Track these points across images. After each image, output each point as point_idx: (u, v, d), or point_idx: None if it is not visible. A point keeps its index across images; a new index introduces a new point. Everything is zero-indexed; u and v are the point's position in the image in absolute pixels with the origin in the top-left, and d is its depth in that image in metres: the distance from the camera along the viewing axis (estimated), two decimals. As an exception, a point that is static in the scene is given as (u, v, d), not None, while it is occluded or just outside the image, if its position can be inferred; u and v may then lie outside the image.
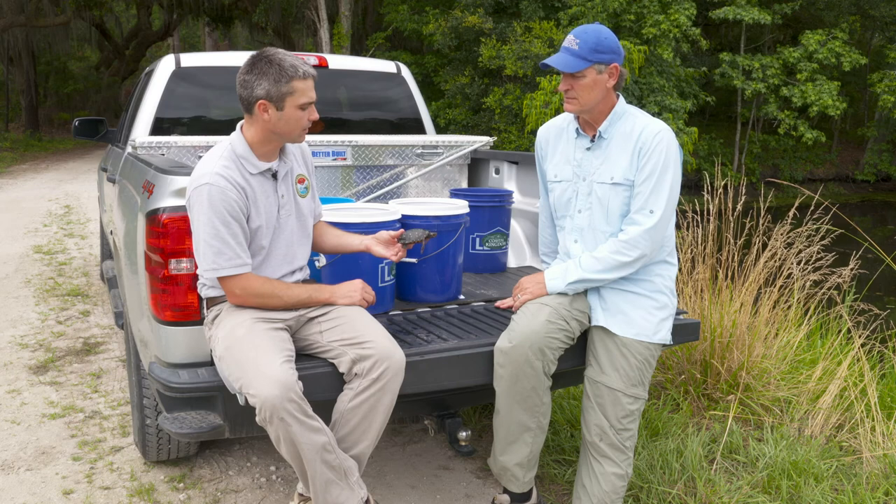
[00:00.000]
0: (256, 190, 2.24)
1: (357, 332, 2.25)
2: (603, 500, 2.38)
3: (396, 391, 2.25)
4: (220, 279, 2.20)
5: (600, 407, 2.36)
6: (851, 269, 3.65)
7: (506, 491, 2.53)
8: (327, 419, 2.23)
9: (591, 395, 2.39)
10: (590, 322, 2.43)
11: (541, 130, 2.62)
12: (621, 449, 2.37)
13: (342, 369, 2.24)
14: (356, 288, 2.39)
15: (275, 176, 2.30)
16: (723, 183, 4.00)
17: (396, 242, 2.49)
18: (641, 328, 2.34)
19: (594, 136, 2.40)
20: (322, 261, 2.72)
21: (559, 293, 2.40)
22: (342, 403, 2.24)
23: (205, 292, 2.30)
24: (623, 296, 2.37)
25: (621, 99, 2.40)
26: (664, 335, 2.38)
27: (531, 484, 2.51)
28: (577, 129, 2.46)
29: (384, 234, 2.50)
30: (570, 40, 2.31)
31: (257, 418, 2.05)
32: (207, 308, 2.32)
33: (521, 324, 2.33)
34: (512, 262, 3.65)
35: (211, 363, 2.33)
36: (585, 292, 2.43)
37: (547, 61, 2.31)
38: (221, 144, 2.26)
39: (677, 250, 3.94)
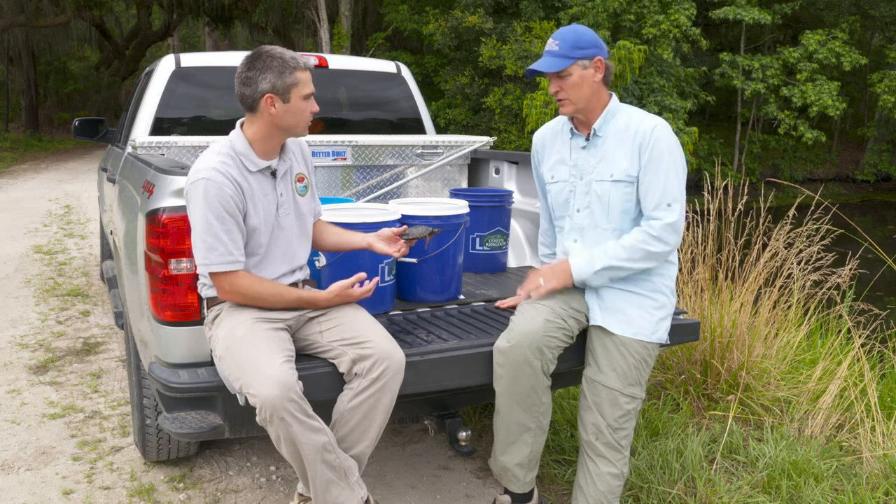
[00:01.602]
0: (255, 188, 2.24)
1: (357, 332, 2.26)
2: (599, 500, 2.38)
3: (396, 391, 2.25)
4: (211, 275, 2.20)
5: (597, 406, 2.36)
6: (851, 270, 3.65)
7: (507, 492, 2.53)
8: (327, 419, 2.23)
9: (588, 395, 2.39)
10: (588, 321, 2.43)
11: (536, 135, 2.63)
12: (617, 448, 2.37)
13: (342, 369, 2.24)
14: (346, 294, 2.35)
15: (273, 174, 2.30)
16: (723, 183, 4.00)
17: (399, 239, 2.48)
18: (640, 327, 2.34)
19: (589, 135, 2.41)
20: (322, 261, 2.72)
21: (583, 282, 2.37)
22: (342, 403, 2.24)
23: (205, 292, 2.30)
24: (622, 295, 2.37)
25: (614, 97, 2.41)
26: (662, 335, 2.38)
27: (532, 484, 2.51)
28: (571, 129, 2.46)
29: (386, 231, 2.49)
30: (551, 43, 2.34)
31: (257, 418, 2.05)
32: (207, 308, 2.32)
33: (519, 324, 2.34)
34: (512, 262, 3.65)
35: (211, 363, 2.33)
36: (583, 291, 2.43)
37: (531, 67, 2.34)
38: (221, 142, 2.26)
39: (678, 250, 3.95)
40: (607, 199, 2.36)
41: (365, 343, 2.22)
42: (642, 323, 2.35)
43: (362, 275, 2.37)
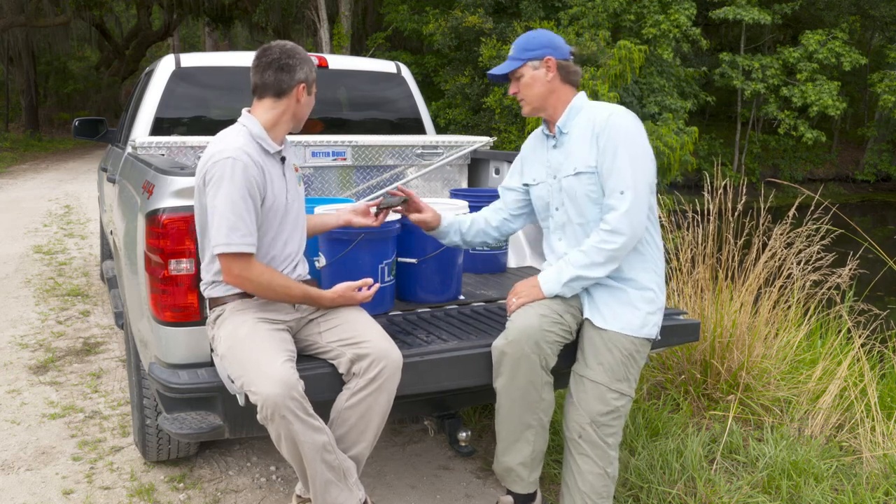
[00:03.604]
0: (272, 171, 2.29)
1: (355, 333, 2.26)
2: (584, 500, 2.38)
3: (393, 391, 2.25)
4: (226, 257, 2.17)
5: (583, 402, 2.35)
6: (851, 270, 3.65)
7: (509, 493, 2.52)
8: (327, 420, 2.23)
9: (574, 390, 2.39)
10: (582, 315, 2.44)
11: (526, 142, 2.68)
12: (601, 446, 2.35)
13: (341, 370, 2.24)
14: (350, 296, 2.38)
15: (283, 160, 2.36)
16: (723, 183, 4.00)
17: (371, 212, 2.56)
18: (627, 322, 2.34)
19: (555, 134, 2.46)
20: (322, 261, 2.73)
21: (556, 295, 2.39)
22: (340, 402, 2.25)
23: (207, 292, 2.30)
24: (610, 291, 2.37)
25: (580, 95, 2.44)
26: (650, 331, 2.37)
27: (536, 485, 2.49)
28: (544, 131, 2.52)
29: (360, 204, 2.57)
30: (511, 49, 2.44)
31: (259, 416, 2.05)
32: (210, 308, 2.32)
33: (515, 322, 2.35)
34: (512, 262, 3.65)
35: (211, 364, 2.34)
36: None
37: (489, 72, 2.44)
38: (234, 127, 2.29)
39: (678, 250, 3.95)
40: (574, 192, 2.39)
41: (362, 343, 2.22)
42: (629, 317, 2.34)
43: (368, 280, 2.41)
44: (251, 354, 2.11)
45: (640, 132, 2.33)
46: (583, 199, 2.36)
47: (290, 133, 2.42)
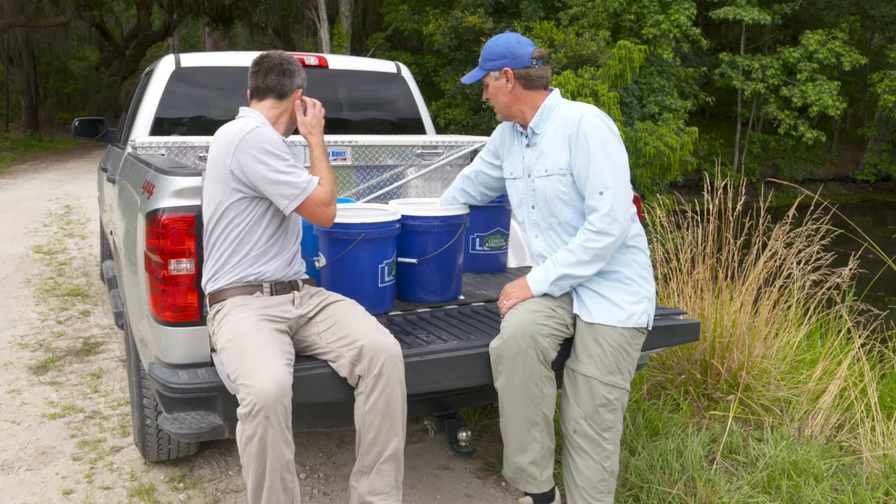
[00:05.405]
0: None
1: (348, 331, 2.27)
2: (582, 496, 2.38)
3: (403, 378, 2.25)
4: (304, 205, 2.25)
5: (576, 396, 2.36)
6: (851, 270, 3.65)
7: (527, 493, 2.51)
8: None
9: (568, 385, 2.40)
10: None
11: (501, 125, 2.67)
12: (596, 440, 2.35)
13: (343, 373, 2.24)
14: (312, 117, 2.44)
15: None
16: (723, 183, 4.00)
17: None
18: (613, 314, 2.34)
19: (528, 134, 2.48)
20: (322, 261, 2.73)
21: (545, 294, 2.40)
22: (359, 410, 2.25)
23: (209, 286, 2.31)
24: (595, 283, 2.39)
25: (552, 94, 2.45)
26: (638, 320, 2.36)
27: (551, 483, 2.49)
28: (519, 127, 2.53)
29: None
30: None
31: (240, 410, 2.03)
32: (210, 305, 2.32)
33: (509, 321, 2.37)
34: (512, 262, 3.65)
35: (211, 364, 2.33)
36: None
37: (462, 79, 2.49)
38: (239, 120, 2.34)
39: (677, 250, 3.95)
40: (545, 193, 2.41)
41: (356, 341, 2.22)
42: (615, 309, 2.35)
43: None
44: (252, 349, 2.11)
45: (611, 131, 2.34)
46: (554, 200, 2.40)
47: (284, 137, 2.46)
